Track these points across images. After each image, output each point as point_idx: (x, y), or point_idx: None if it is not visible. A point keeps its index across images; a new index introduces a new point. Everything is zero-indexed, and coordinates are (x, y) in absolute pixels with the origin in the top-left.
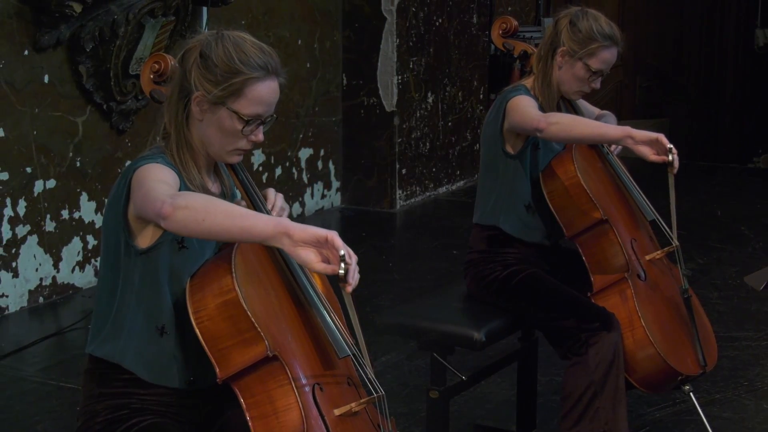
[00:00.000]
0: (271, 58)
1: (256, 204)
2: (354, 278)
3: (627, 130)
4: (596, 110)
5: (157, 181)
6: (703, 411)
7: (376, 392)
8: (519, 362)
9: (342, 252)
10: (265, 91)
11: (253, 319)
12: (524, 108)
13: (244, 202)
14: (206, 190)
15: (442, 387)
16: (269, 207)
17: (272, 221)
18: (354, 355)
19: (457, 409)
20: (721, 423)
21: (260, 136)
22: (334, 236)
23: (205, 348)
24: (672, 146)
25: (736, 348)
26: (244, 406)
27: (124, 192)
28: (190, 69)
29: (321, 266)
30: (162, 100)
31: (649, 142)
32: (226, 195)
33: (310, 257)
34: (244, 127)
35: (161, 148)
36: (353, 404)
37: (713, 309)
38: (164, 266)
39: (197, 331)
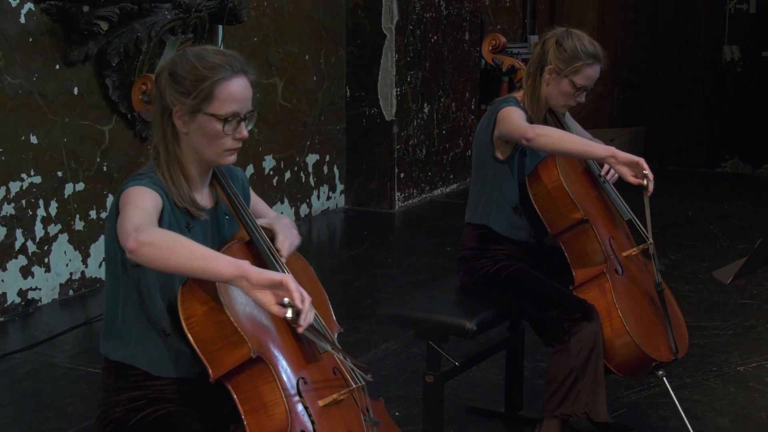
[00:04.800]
0: (233, 59)
1: (241, 215)
2: (305, 320)
3: (611, 149)
4: (588, 136)
5: (134, 207)
6: (675, 394)
7: (356, 383)
8: (507, 349)
9: (289, 299)
10: (235, 89)
11: (236, 325)
12: (514, 119)
13: (243, 231)
14: (195, 204)
15: (437, 372)
16: (277, 247)
17: (232, 264)
18: (337, 350)
19: (451, 392)
20: (691, 405)
21: (244, 132)
22: (287, 280)
23: (197, 350)
24: (649, 172)
25: (705, 336)
26: (237, 401)
27: (115, 209)
28: (163, 89)
29: (275, 308)
30: (149, 119)
31: (630, 164)
32: (219, 205)
33: (266, 299)
34: (224, 127)
35: (152, 166)
36: (335, 395)
37: (684, 301)
38: (154, 277)
39: (188, 335)
